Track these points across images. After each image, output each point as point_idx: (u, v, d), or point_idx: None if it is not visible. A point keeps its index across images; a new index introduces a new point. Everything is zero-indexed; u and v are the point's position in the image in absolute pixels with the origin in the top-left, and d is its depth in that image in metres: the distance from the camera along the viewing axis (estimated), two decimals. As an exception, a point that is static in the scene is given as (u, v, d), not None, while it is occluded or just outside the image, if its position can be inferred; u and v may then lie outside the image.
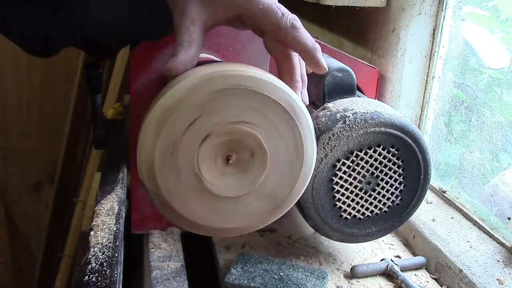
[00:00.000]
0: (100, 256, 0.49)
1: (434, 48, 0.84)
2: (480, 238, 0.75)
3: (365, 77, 0.84)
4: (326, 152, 0.64)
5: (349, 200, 0.67)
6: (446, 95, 0.86)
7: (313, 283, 0.67)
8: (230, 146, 0.53)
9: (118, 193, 0.67)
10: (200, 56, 0.69)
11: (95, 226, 0.53)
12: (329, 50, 0.80)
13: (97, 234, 0.54)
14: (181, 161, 0.52)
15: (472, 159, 0.82)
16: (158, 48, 0.69)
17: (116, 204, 0.63)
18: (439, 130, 0.88)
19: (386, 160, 0.65)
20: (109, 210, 0.61)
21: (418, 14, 0.83)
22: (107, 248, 0.50)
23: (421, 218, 0.80)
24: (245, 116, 0.51)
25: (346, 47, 1.04)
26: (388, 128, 0.64)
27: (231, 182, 0.54)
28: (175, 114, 0.50)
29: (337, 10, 0.88)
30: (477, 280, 0.66)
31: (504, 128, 0.75)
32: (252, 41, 0.71)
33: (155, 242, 0.75)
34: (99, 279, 0.47)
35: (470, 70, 0.83)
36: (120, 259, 0.52)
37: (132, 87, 0.70)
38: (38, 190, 2.18)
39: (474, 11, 0.83)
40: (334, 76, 0.70)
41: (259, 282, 0.66)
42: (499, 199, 0.74)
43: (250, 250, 0.76)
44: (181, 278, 0.68)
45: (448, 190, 0.86)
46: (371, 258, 0.76)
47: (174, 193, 0.53)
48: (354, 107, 0.65)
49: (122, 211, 0.63)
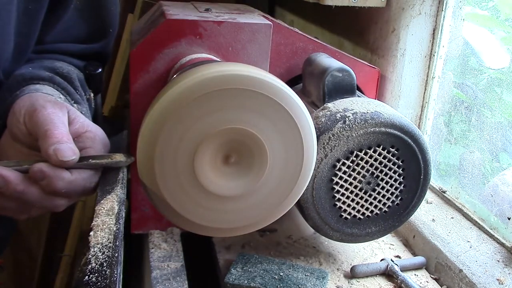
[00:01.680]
0: (100, 256, 0.49)
1: (434, 48, 0.84)
2: (480, 238, 0.75)
3: (365, 77, 0.84)
4: (326, 152, 0.64)
5: (349, 200, 0.67)
6: (446, 95, 0.86)
7: (313, 283, 0.67)
8: (230, 146, 0.53)
9: (118, 193, 0.67)
10: (200, 56, 0.69)
11: (95, 226, 0.53)
12: (329, 50, 0.80)
13: (97, 234, 0.53)
14: (181, 161, 0.52)
15: (472, 159, 0.82)
16: (158, 48, 0.69)
17: (116, 204, 0.63)
18: (439, 130, 0.88)
19: (386, 160, 0.65)
20: (109, 210, 0.60)
21: (418, 14, 0.83)
22: (107, 248, 0.50)
23: (421, 218, 0.80)
24: (245, 116, 0.51)
25: (346, 47, 1.04)
26: (388, 128, 0.64)
27: (231, 182, 0.54)
28: (175, 114, 0.50)
29: (337, 10, 0.88)
30: (477, 280, 0.66)
31: (504, 128, 0.75)
32: (252, 41, 0.71)
33: (155, 242, 0.75)
34: (99, 279, 0.47)
35: (470, 70, 0.83)
36: (120, 259, 0.52)
37: (132, 87, 0.70)
38: (38, 190, 2.17)
39: (474, 11, 0.83)
40: (334, 76, 0.70)
41: (259, 282, 0.66)
42: (499, 199, 0.74)
43: (250, 250, 0.76)
44: (181, 278, 0.67)
45: (448, 190, 0.86)
46: (371, 258, 0.76)
47: (174, 193, 0.53)
48: (354, 107, 0.65)
49: (122, 211, 0.63)
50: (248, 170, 0.54)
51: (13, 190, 0.51)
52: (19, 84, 0.62)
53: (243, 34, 0.71)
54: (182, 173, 0.52)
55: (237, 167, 0.54)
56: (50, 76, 0.65)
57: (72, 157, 0.52)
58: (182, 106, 0.50)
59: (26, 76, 0.64)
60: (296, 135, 0.53)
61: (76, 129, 0.57)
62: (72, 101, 0.66)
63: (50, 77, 0.65)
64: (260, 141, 0.52)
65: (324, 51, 0.80)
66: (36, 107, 0.55)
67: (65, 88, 0.66)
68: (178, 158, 0.51)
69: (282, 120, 0.52)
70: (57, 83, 0.65)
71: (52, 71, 0.67)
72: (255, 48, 0.72)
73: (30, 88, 0.62)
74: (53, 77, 0.65)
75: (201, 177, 0.52)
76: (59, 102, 0.59)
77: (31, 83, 0.63)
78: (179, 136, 0.51)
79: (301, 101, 0.54)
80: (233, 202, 0.55)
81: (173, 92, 0.51)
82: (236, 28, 0.70)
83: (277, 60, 0.79)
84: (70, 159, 0.52)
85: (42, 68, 0.67)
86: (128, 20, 1.58)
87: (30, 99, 0.58)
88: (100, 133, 0.59)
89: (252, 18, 0.74)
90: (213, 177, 0.53)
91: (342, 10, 0.88)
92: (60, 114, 0.56)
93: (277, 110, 0.52)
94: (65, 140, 0.53)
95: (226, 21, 0.70)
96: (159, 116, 0.50)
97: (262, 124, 0.52)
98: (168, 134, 0.50)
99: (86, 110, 0.68)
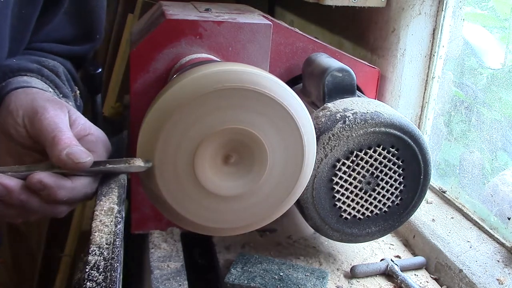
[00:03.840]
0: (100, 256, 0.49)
1: (434, 48, 0.84)
2: (480, 238, 0.75)
3: (365, 77, 0.84)
4: (326, 152, 0.64)
5: (349, 200, 0.67)
6: (446, 95, 0.86)
7: (313, 283, 0.67)
8: (230, 146, 0.53)
9: (118, 193, 0.67)
10: (200, 56, 0.69)
11: (95, 226, 0.53)
12: (329, 50, 0.80)
13: (97, 234, 0.53)
14: (181, 161, 0.51)
15: (472, 159, 0.82)
16: (158, 48, 0.69)
17: (116, 204, 0.63)
18: (439, 130, 0.88)
19: (386, 160, 0.65)
20: (108, 210, 0.60)
21: (418, 14, 0.83)
22: (107, 248, 0.50)
23: (421, 218, 0.80)
24: (245, 116, 0.51)
25: (346, 47, 1.04)
26: (388, 128, 0.64)
27: (231, 182, 0.54)
28: (174, 114, 0.50)
29: (337, 10, 0.88)
30: (477, 280, 0.66)
31: (504, 127, 0.75)
32: (252, 41, 0.71)
33: (155, 242, 0.75)
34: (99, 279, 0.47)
35: (470, 70, 0.83)
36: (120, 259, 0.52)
37: (132, 87, 0.70)
38: (38, 190, 2.17)
39: (474, 11, 0.83)
40: (334, 76, 0.70)
41: (259, 282, 0.66)
42: (499, 199, 0.74)
43: (250, 250, 0.76)
44: (181, 278, 0.68)
45: (448, 190, 0.86)
46: (371, 258, 0.76)
47: (174, 193, 0.53)
48: (354, 107, 0.65)
49: (122, 211, 0.63)
50: (248, 170, 0.54)
51: (15, 199, 0.49)
52: (5, 75, 0.59)
53: (243, 34, 0.71)
54: (182, 173, 0.52)
55: (237, 167, 0.54)
56: (38, 68, 0.63)
57: (87, 158, 0.50)
58: (182, 106, 0.50)
59: (13, 67, 0.61)
60: (296, 135, 0.53)
61: (78, 131, 0.55)
62: (61, 95, 0.63)
63: (39, 69, 0.62)
64: (260, 141, 0.52)
65: (324, 51, 0.80)
66: (37, 109, 0.53)
67: (53, 81, 0.63)
68: (178, 158, 0.51)
69: (282, 120, 0.52)
70: (46, 75, 0.63)
71: (39, 64, 0.64)
72: (255, 48, 0.72)
73: (18, 80, 0.59)
74: (41, 69, 0.63)
75: (201, 177, 0.52)
76: (58, 101, 0.56)
77: (18, 74, 0.60)
78: (179, 136, 0.51)
79: (301, 101, 0.54)
80: (233, 202, 0.55)
81: (173, 92, 0.51)
82: (236, 28, 0.70)
83: (277, 60, 0.79)
84: (86, 161, 0.50)
85: (29, 61, 0.64)
86: (128, 20, 1.58)
87: (27, 98, 0.55)
88: (102, 136, 0.57)
89: (252, 18, 0.74)
90: (213, 177, 0.53)
91: (342, 10, 0.88)
92: (63, 116, 0.54)
93: (277, 110, 0.52)
94: (74, 144, 0.50)
95: (226, 21, 0.70)
96: (158, 116, 0.50)
97: (262, 124, 0.52)
98: (168, 134, 0.50)
99: (74, 105, 0.65)
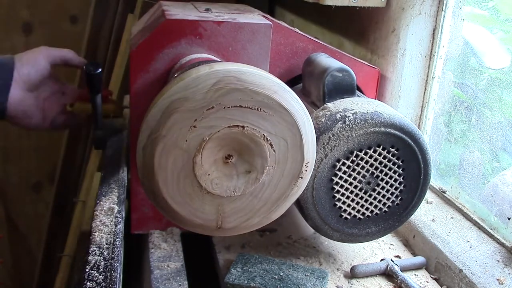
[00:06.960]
0: (100, 256, 0.49)
1: (434, 48, 0.84)
2: (480, 238, 0.75)
3: (365, 77, 0.84)
4: (326, 152, 0.64)
5: (349, 200, 0.67)
6: (446, 95, 0.86)
7: (313, 283, 0.67)
8: (230, 146, 0.53)
9: (118, 193, 0.67)
10: (200, 56, 0.69)
11: (95, 226, 0.53)
12: (329, 50, 0.80)
13: (97, 234, 0.54)
14: (181, 161, 0.52)
15: (472, 159, 0.82)
16: (158, 48, 0.69)
17: (116, 204, 0.63)
18: (439, 130, 0.88)
19: (386, 160, 0.65)
20: (108, 210, 0.61)
21: (418, 14, 0.83)
22: (107, 248, 0.50)
23: (421, 218, 0.80)
24: (245, 116, 0.51)
25: (346, 47, 1.04)
26: (388, 128, 0.64)
27: (231, 182, 0.54)
28: (174, 114, 0.50)
29: (337, 10, 0.88)
30: (477, 280, 0.66)
31: (504, 128, 0.75)
32: (252, 41, 0.71)
33: (155, 242, 0.75)
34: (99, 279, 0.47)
35: (470, 70, 0.83)
36: (120, 259, 0.52)
37: (132, 87, 0.70)
38: (38, 190, 2.17)
39: (474, 11, 0.83)
40: (334, 76, 0.70)
41: (259, 282, 0.66)
42: (499, 199, 0.74)
43: (250, 250, 0.76)
44: (181, 278, 0.68)
45: (448, 190, 0.86)
46: (371, 258, 0.76)
47: (174, 193, 0.53)
48: (354, 107, 0.65)
49: (122, 211, 0.63)
50: (248, 170, 0.54)
51: None
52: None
53: (243, 34, 0.71)
54: (182, 173, 0.52)
55: (237, 167, 0.54)
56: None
57: None
58: (182, 106, 0.50)
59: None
60: (296, 135, 0.53)
61: None
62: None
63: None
64: (260, 141, 0.52)
65: (324, 51, 0.80)
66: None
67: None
68: (178, 158, 0.51)
69: (282, 120, 0.52)
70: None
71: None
72: (255, 48, 0.72)
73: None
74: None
75: (201, 177, 0.52)
76: None
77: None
78: (178, 137, 0.51)
79: (301, 101, 0.54)
80: (233, 202, 0.55)
81: (173, 92, 0.51)
82: (236, 28, 0.70)
83: (277, 60, 0.79)
84: None
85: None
86: (128, 20, 1.58)
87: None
88: None
89: (252, 18, 0.74)
90: (213, 177, 0.53)
91: (342, 10, 0.88)
92: None
93: (277, 110, 0.52)
94: None
95: (226, 21, 0.70)
96: (159, 116, 0.50)
97: (262, 124, 0.52)
98: (168, 134, 0.50)
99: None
